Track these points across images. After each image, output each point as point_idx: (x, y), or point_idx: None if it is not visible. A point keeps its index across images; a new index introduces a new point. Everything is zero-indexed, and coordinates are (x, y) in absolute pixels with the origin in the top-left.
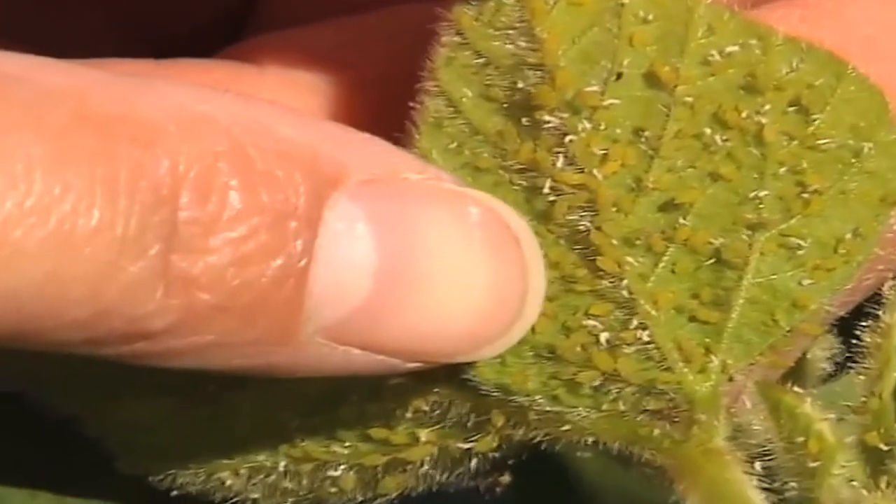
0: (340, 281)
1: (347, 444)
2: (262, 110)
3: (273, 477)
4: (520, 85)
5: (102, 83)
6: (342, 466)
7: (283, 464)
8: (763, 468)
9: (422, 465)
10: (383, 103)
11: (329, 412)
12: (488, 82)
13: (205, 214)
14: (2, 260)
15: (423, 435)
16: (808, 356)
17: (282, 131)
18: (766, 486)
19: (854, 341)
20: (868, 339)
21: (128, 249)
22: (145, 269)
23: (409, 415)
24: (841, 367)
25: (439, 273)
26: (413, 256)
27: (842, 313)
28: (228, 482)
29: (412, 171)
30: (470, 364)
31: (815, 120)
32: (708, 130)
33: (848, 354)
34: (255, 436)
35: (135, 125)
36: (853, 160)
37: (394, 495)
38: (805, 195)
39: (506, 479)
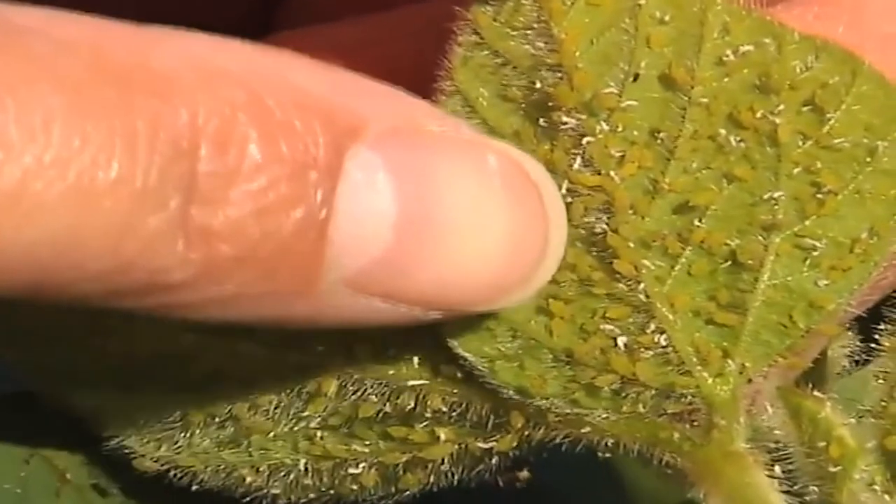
0: (361, 231)
1: (368, 442)
2: (280, 61)
3: (293, 474)
4: (537, 85)
5: (117, 34)
6: (362, 464)
7: (303, 461)
8: (783, 471)
9: (442, 462)
10: None
11: (348, 411)
12: (505, 82)
13: (224, 166)
14: (23, 213)
15: (443, 434)
16: (828, 354)
17: (299, 82)
18: (786, 489)
19: (872, 341)
20: (886, 343)
21: (148, 202)
22: (165, 221)
23: (427, 414)
24: (858, 363)
25: (459, 222)
26: (433, 206)
27: (860, 312)
28: (249, 479)
29: (432, 122)
30: (489, 367)
31: (829, 119)
32: (723, 131)
33: (866, 352)
34: (275, 434)
35: (152, 76)
36: (868, 159)
37: (415, 490)
38: (820, 195)
39: (525, 475)
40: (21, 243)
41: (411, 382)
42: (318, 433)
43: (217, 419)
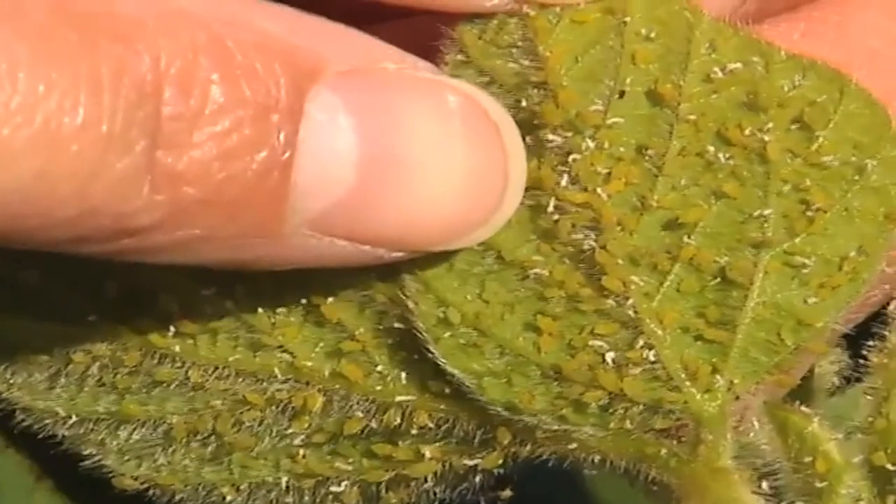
0: (324, 172)
1: (351, 459)
2: (239, 3)
3: (274, 493)
4: (523, 103)
5: None
6: (345, 482)
7: (284, 479)
8: (770, 487)
9: (425, 480)
10: None
11: (332, 428)
12: None
13: (188, 109)
14: None
15: (428, 451)
16: (817, 370)
17: (259, 24)
18: None
19: (860, 357)
20: (874, 359)
21: (114, 146)
22: (131, 165)
23: (414, 431)
24: (847, 380)
25: (420, 161)
26: (394, 145)
27: (847, 330)
28: (229, 498)
29: (390, 61)
30: (477, 383)
31: (818, 137)
32: (711, 148)
33: (854, 369)
34: (257, 451)
35: (115, 21)
36: (857, 177)
37: None
38: (809, 213)
39: (507, 493)
40: None
41: (398, 398)
42: (301, 451)
43: (200, 436)
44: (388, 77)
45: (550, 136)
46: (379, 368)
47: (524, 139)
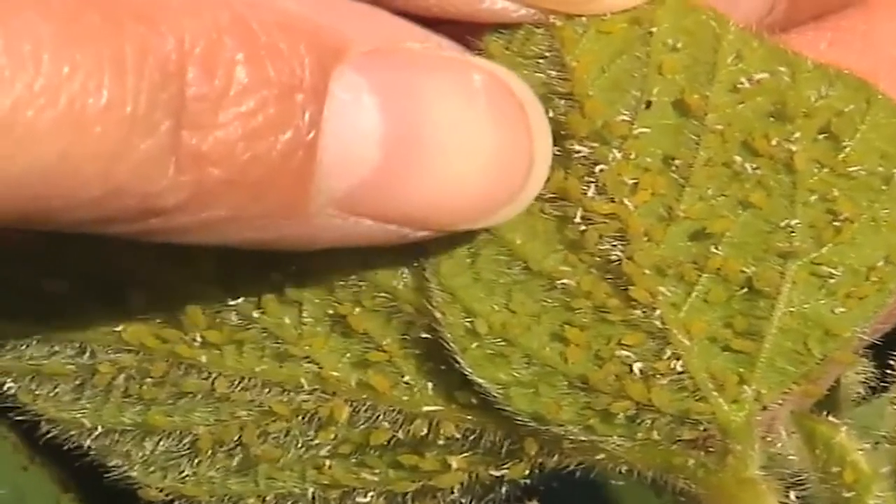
0: (349, 152)
1: (377, 470)
2: None
3: (300, 503)
4: (550, 114)
5: None
6: (371, 493)
7: (311, 490)
8: (798, 498)
9: (452, 491)
10: None
11: (358, 439)
12: None
13: (212, 90)
14: (15, 141)
15: (454, 462)
16: (843, 380)
17: (283, 4)
18: None
19: (886, 367)
20: None
21: (138, 127)
22: (156, 146)
23: (440, 441)
24: (874, 390)
25: (445, 140)
26: (419, 124)
27: (875, 339)
28: None
29: (415, 40)
30: (504, 393)
31: (845, 147)
32: (738, 158)
33: (881, 379)
34: (283, 462)
35: (138, 2)
36: (884, 187)
37: None
38: (836, 223)
39: None
40: (14, 171)
41: (425, 409)
42: (327, 462)
43: (225, 447)
44: (413, 56)
45: (577, 147)
46: (405, 379)
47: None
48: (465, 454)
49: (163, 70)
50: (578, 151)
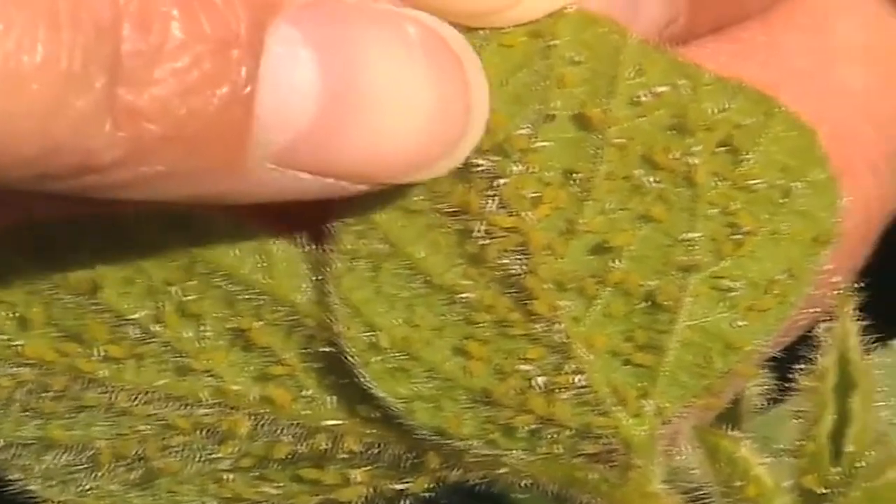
0: (286, 106)
1: (278, 484)
2: None
3: None
4: None
5: None
6: None
7: None
8: None
9: None
10: None
11: (260, 452)
12: None
13: (147, 45)
14: None
15: (356, 475)
16: (744, 393)
17: None
18: None
19: (786, 380)
20: (804, 382)
21: (73, 84)
22: (92, 102)
23: (342, 455)
24: (775, 402)
25: (382, 93)
26: (355, 77)
27: (775, 353)
28: None
29: None
30: (406, 407)
31: (745, 160)
32: (638, 172)
33: (782, 391)
34: (184, 476)
35: None
36: (783, 200)
37: None
38: (737, 236)
39: None
40: None
41: (326, 422)
42: (229, 475)
43: (126, 461)
44: (348, 9)
45: (479, 161)
46: (307, 393)
47: None
48: (367, 468)
49: (97, 26)
50: (480, 165)
